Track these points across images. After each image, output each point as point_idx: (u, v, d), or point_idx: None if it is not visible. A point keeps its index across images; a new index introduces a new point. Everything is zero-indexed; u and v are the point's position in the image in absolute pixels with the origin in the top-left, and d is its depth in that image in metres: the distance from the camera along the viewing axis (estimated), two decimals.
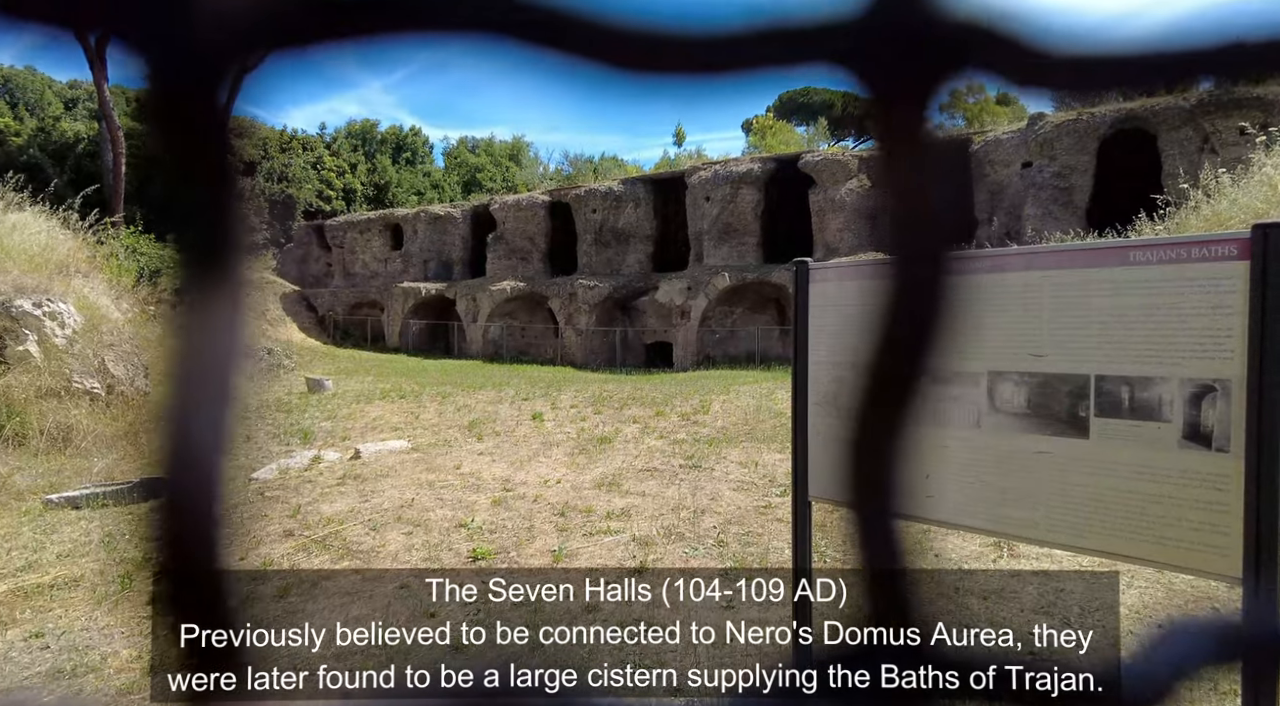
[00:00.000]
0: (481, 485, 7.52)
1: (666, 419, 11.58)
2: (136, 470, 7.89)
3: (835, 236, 23.62)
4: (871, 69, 0.27)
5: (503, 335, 29.23)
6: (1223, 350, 2.09)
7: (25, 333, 8.86)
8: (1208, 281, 2.12)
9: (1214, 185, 10.12)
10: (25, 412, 8.25)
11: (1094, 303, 2.32)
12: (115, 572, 4.96)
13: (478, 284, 29.81)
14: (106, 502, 6.65)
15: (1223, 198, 9.50)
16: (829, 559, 5.18)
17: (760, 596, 4.57)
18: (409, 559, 5.32)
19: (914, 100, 0.27)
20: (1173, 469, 2.17)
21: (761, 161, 25.80)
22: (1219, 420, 2.09)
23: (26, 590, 4.69)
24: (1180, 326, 2.16)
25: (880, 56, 0.27)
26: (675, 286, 24.99)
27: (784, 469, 7.66)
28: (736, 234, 25.55)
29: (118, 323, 10.71)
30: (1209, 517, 2.11)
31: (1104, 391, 2.29)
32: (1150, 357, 2.21)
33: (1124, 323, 2.26)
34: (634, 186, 28.52)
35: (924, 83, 0.27)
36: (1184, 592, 4.35)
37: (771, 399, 13.19)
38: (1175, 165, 18.23)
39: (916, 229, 0.29)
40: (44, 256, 10.54)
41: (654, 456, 8.80)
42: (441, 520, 6.25)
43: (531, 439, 10.11)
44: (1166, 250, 2.21)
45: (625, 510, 6.53)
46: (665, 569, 5.07)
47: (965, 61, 0.27)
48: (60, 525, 6.03)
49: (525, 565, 5.23)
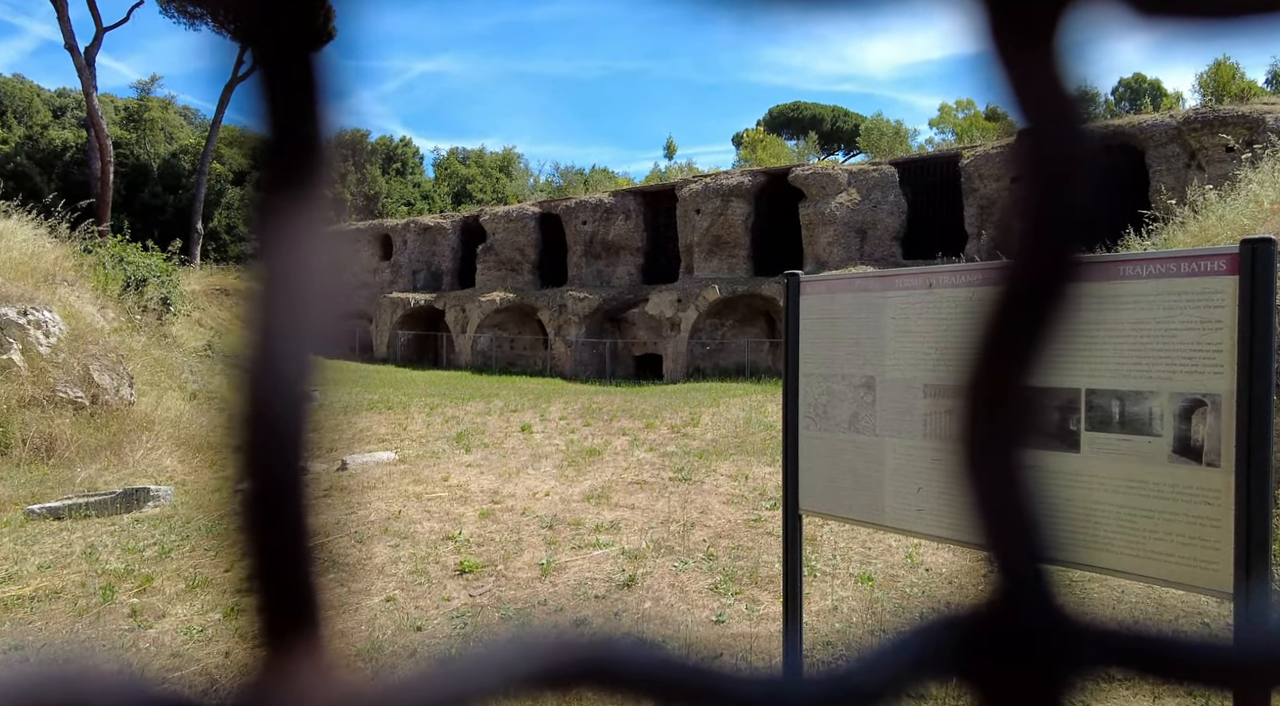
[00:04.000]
0: (469, 497, 7.47)
1: (656, 431, 11.55)
2: (119, 480, 7.79)
3: (825, 250, 23.72)
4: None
5: (492, 346, 29.15)
6: (1213, 364, 2.09)
7: (9, 341, 8.76)
8: (1197, 296, 2.12)
9: (1201, 201, 10.22)
10: (8, 422, 8.14)
11: (1083, 316, 2.32)
12: (97, 584, 4.89)
13: (467, 295, 29.76)
14: (89, 513, 6.56)
15: (1210, 214, 9.59)
16: (819, 573, 5.16)
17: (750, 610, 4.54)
18: (395, 571, 5.26)
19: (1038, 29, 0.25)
20: (1163, 483, 2.17)
21: (752, 174, 25.92)
22: (1209, 434, 2.10)
23: (6, 602, 4.60)
24: (1170, 340, 2.17)
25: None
26: (665, 298, 25.02)
27: (774, 482, 7.64)
28: (727, 246, 25.63)
29: (103, 332, 10.61)
30: (1199, 532, 2.10)
31: (1094, 405, 2.29)
32: (1140, 372, 2.22)
33: (1114, 336, 2.26)
34: (624, 199, 28.59)
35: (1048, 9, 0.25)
36: (1174, 607, 4.35)
37: (762, 411, 13.18)
38: (1162, 181, 18.43)
39: (1050, 224, 0.27)
40: (30, 264, 10.45)
41: (643, 469, 8.77)
42: (429, 532, 6.19)
43: (520, 451, 10.06)
44: (1156, 265, 2.21)
45: (614, 523, 6.50)
46: (655, 582, 5.04)
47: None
48: (42, 536, 5.94)
49: (513, 578, 5.18)
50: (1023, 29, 0.24)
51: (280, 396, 0.24)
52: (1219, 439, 2.08)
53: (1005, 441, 0.28)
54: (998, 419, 0.28)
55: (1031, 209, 0.26)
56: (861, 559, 5.44)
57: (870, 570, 5.18)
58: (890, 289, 2.87)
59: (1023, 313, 0.27)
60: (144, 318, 13.00)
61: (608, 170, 54.44)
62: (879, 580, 4.99)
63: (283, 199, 0.25)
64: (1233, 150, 14.77)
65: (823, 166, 25.26)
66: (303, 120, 0.25)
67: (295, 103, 0.24)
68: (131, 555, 5.55)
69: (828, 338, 3.05)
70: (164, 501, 7.14)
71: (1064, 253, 0.27)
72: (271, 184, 0.25)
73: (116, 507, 6.74)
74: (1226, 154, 16.58)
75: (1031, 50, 0.24)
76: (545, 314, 27.57)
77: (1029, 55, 0.25)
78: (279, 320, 0.24)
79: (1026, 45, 0.24)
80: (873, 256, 23.25)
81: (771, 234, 25.55)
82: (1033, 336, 0.27)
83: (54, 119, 41.20)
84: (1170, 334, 2.17)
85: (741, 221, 25.37)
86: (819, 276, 3.16)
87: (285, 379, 0.24)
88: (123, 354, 10.28)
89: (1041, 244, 0.27)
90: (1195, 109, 19.62)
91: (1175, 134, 18.76)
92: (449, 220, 33.14)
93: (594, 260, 28.78)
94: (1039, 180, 0.26)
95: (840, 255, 23.35)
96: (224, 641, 4.17)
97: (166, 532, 6.16)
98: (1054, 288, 0.27)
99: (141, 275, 14.20)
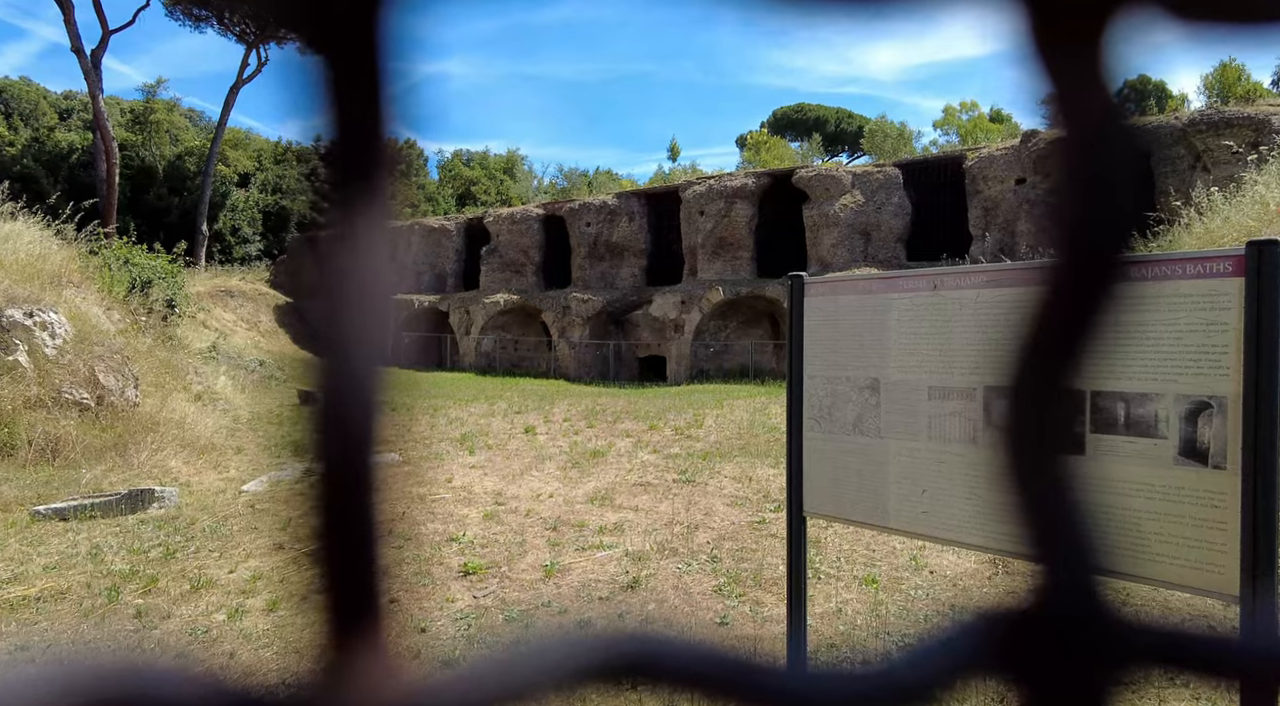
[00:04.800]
0: (473, 499, 7.48)
1: (660, 433, 11.55)
2: (124, 481, 7.81)
3: (829, 251, 23.70)
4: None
5: (496, 348, 29.18)
6: (1218, 366, 2.09)
7: (16, 343, 8.79)
8: (1203, 298, 2.12)
9: (1206, 203, 10.20)
10: (14, 423, 8.17)
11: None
12: (102, 585, 4.90)
13: (471, 296, 29.80)
14: (94, 514, 6.58)
15: (1215, 215, 9.57)
16: (824, 575, 5.15)
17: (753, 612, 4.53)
18: (399, 573, 5.26)
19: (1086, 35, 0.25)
20: (1169, 485, 2.16)
21: (756, 176, 25.91)
22: (1215, 436, 2.09)
23: (12, 602, 4.62)
24: (1175, 342, 2.16)
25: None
26: (669, 300, 25.02)
27: (778, 484, 7.63)
28: (731, 248, 25.62)
29: (108, 333, 10.64)
30: (1206, 534, 2.10)
31: (1100, 407, 2.28)
32: (1145, 374, 2.21)
33: (1119, 339, 2.26)
34: (628, 200, 28.61)
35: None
36: (1180, 610, 4.33)
37: (765, 413, 13.17)
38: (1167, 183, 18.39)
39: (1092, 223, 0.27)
40: (36, 266, 10.48)
41: (647, 471, 8.76)
42: (432, 534, 6.20)
43: (524, 452, 10.06)
44: (1162, 267, 2.21)
45: (618, 525, 6.49)
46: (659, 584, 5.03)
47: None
48: (47, 537, 5.96)
49: (517, 579, 5.19)
50: (1067, 30, 0.24)
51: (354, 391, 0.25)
52: (1225, 441, 2.07)
53: (1052, 445, 0.28)
54: (1044, 421, 0.28)
55: (1074, 210, 0.26)
56: (866, 561, 5.43)
57: (875, 573, 5.17)
58: (895, 290, 2.87)
59: (1068, 314, 0.27)
60: (149, 319, 13.04)
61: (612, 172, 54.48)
62: (883, 583, 4.98)
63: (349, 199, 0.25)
64: (1239, 152, 14.72)
65: (827, 168, 25.24)
66: (366, 119, 0.25)
67: (359, 101, 0.25)
68: (136, 556, 5.57)
69: (832, 339, 3.05)
70: (169, 502, 7.15)
71: (1108, 254, 0.27)
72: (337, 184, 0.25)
73: (121, 509, 6.76)
74: (1232, 156, 16.54)
75: (1076, 51, 0.24)
76: (549, 315, 27.59)
77: (1072, 56, 0.24)
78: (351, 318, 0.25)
79: (1070, 46, 0.24)
80: (877, 258, 23.22)
81: (775, 236, 25.54)
82: (1078, 337, 0.27)
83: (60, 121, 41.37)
84: (1176, 336, 2.16)
85: (745, 223, 25.36)
86: (823, 278, 3.16)
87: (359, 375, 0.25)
88: (128, 355, 10.31)
89: (1085, 245, 0.27)
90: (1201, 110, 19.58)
91: (1180, 135, 18.72)
92: (453, 222, 33.19)
93: (598, 262, 28.80)
94: (1082, 182, 0.26)
95: (844, 257, 23.32)
96: (229, 642, 4.18)
97: (171, 534, 6.18)
98: (1099, 289, 0.27)
99: (146, 277, 14.25)
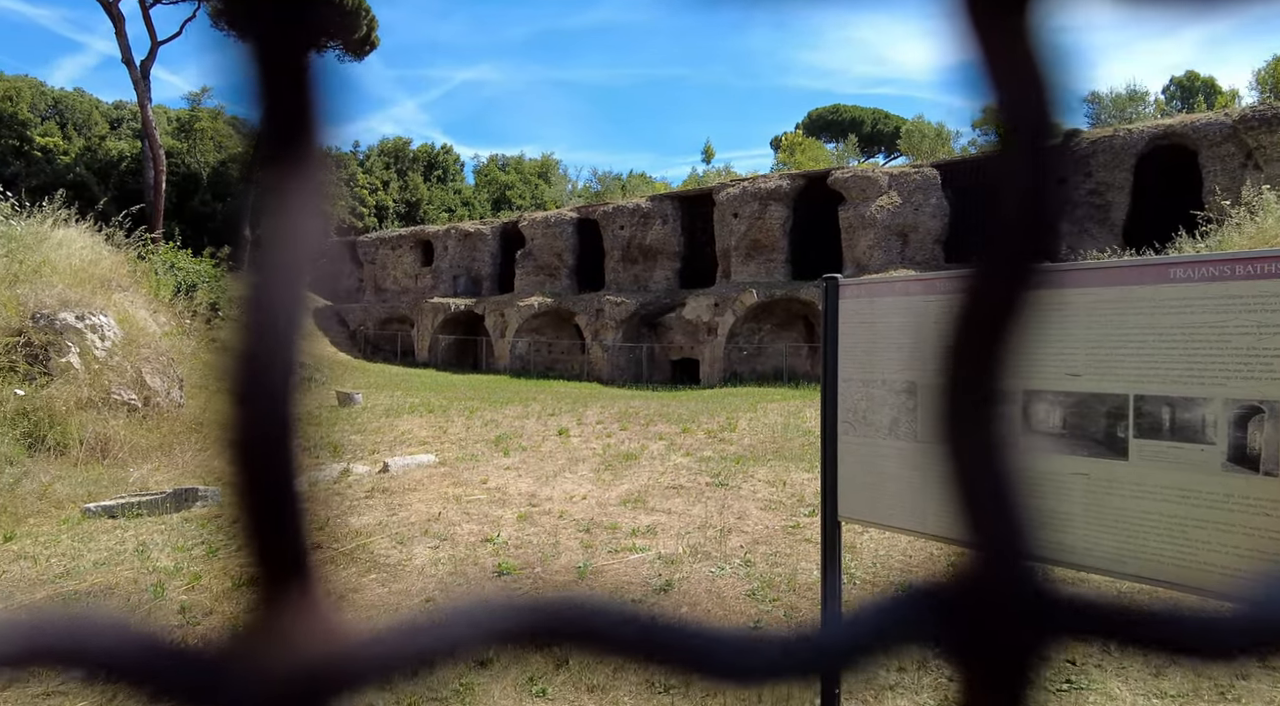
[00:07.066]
0: (507, 500, 7.53)
1: (693, 436, 11.52)
2: (170, 480, 8.01)
3: (865, 253, 23.46)
4: None
5: (530, 351, 29.37)
6: (1270, 370, 2.02)
7: (68, 345, 9.07)
8: (1254, 299, 2.05)
9: (1258, 202, 9.89)
10: (66, 423, 8.43)
11: (1132, 320, 2.26)
12: (149, 581, 5.03)
13: (506, 300, 30.04)
14: (141, 512, 6.76)
15: (1268, 214, 9.28)
16: (859, 581, 5.09)
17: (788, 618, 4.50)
18: (435, 572, 5.32)
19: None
20: (1218, 492, 2.10)
21: (790, 178, 25.75)
22: (1267, 442, 2.02)
23: (65, 596, 4.76)
24: (1223, 345, 2.10)
25: None
26: (702, 303, 24.96)
27: (812, 488, 7.57)
28: (764, 250, 25.49)
29: (155, 336, 10.93)
30: (1258, 544, 2.03)
31: (1144, 412, 2.23)
32: (1192, 377, 2.15)
33: (1164, 341, 2.20)
34: (662, 203, 28.62)
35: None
36: None
37: (800, 417, 13.07)
38: (1216, 182, 17.89)
39: (1014, 232, 0.26)
40: (87, 271, 10.81)
41: (680, 473, 8.75)
42: (468, 534, 6.25)
43: (557, 454, 10.11)
44: (1210, 268, 2.15)
45: (651, 527, 6.49)
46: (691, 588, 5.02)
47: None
48: (97, 534, 6.14)
49: (550, 580, 5.21)
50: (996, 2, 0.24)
51: (273, 348, 0.25)
52: (1277, 447, 2.01)
53: (985, 440, 0.28)
54: (976, 419, 0.28)
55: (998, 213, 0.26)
56: (903, 567, 5.35)
57: (912, 579, 5.10)
58: (933, 292, 2.83)
59: (983, 320, 0.27)
60: (194, 322, 13.37)
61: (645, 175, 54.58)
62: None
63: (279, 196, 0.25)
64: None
65: (862, 169, 25.00)
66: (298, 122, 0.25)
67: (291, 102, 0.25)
68: (181, 553, 5.71)
69: (867, 342, 3.01)
70: (212, 501, 7.32)
71: (1020, 260, 0.27)
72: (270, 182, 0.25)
73: (167, 507, 6.94)
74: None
75: (1004, 22, 0.24)
76: (582, 318, 27.70)
77: (1000, 27, 0.24)
78: (274, 309, 0.25)
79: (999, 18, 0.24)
80: (914, 260, 22.93)
81: (810, 237, 25.35)
82: (994, 342, 0.27)
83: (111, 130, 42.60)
84: (1224, 338, 2.10)
85: (779, 225, 25.22)
86: (858, 280, 3.13)
87: (279, 333, 0.25)
88: (173, 358, 10.58)
89: (1000, 251, 0.26)
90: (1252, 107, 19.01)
91: (1231, 132, 18.20)
92: (488, 226, 33.51)
93: (631, 265, 28.85)
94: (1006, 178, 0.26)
95: (881, 258, 23.07)
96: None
97: (214, 531, 6.32)
98: (1010, 297, 0.27)
99: (192, 281, 14.62)
